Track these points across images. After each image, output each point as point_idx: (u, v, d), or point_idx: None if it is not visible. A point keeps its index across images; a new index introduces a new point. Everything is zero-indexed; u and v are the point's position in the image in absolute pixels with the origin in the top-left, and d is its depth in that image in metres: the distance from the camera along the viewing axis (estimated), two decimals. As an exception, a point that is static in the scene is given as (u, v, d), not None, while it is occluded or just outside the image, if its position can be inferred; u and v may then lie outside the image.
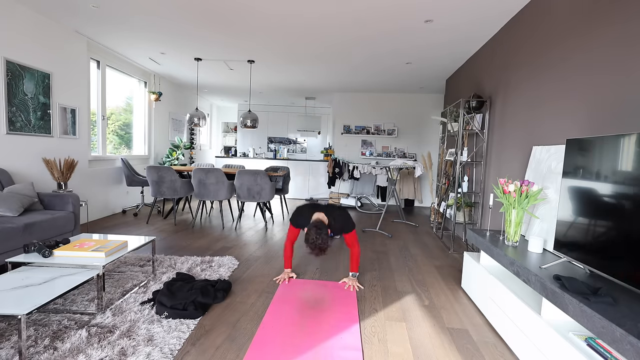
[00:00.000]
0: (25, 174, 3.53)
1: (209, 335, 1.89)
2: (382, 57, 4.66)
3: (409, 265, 3.25)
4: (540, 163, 2.46)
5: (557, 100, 2.43)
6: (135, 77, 5.64)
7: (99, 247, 2.23)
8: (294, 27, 3.70)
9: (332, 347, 1.82)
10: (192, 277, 2.56)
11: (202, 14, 3.44)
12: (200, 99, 8.54)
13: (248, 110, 5.60)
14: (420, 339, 1.96)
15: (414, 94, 7.08)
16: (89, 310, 2.06)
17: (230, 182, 4.50)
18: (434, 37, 3.82)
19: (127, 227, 4.25)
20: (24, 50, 3.44)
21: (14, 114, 3.36)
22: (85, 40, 4.28)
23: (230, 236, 4.04)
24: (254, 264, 3.08)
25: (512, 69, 3.17)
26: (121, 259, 2.94)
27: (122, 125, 5.58)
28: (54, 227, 2.94)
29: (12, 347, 1.68)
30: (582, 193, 1.70)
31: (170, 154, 6.47)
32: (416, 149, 7.25)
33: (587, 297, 1.37)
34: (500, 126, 3.37)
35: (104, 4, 3.31)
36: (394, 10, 3.16)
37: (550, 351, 1.50)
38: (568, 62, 2.32)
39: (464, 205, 3.81)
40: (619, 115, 1.84)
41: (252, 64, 5.23)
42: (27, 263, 2.09)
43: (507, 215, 2.21)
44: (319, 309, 2.26)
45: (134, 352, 1.66)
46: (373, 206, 6.90)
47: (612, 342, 1.16)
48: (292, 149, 9.63)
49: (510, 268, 1.94)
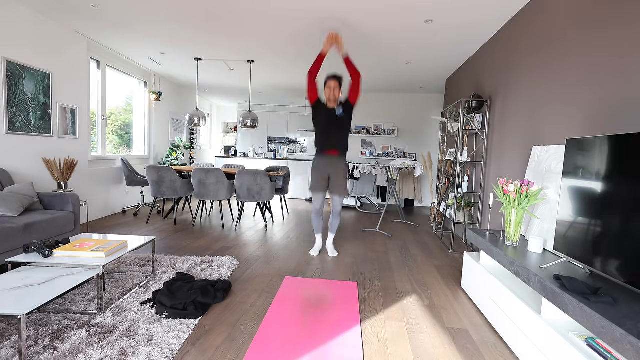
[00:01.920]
0: (25, 174, 3.53)
1: (209, 335, 1.89)
2: (382, 57, 4.66)
3: (409, 265, 3.25)
4: (540, 163, 2.46)
5: (557, 100, 2.43)
6: (135, 77, 5.64)
7: (99, 247, 2.23)
8: (294, 27, 3.70)
9: (333, 346, 1.82)
10: (192, 277, 2.56)
11: (202, 14, 3.44)
12: (200, 99, 8.54)
13: (248, 110, 5.61)
14: (420, 339, 1.96)
15: (414, 94, 7.09)
16: (89, 310, 2.06)
17: (230, 182, 4.51)
18: (434, 37, 3.82)
19: (127, 227, 4.25)
20: (24, 50, 3.44)
21: (14, 114, 3.36)
22: (85, 40, 4.28)
23: (230, 236, 4.04)
24: (254, 264, 3.08)
25: (512, 69, 3.17)
26: (121, 259, 2.94)
27: (122, 125, 5.59)
28: (54, 227, 2.94)
29: (12, 347, 1.68)
30: (582, 193, 1.70)
31: (170, 154, 6.47)
32: (416, 149, 7.25)
33: (587, 297, 1.37)
34: (500, 126, 3.37)
35: (104, 4, 3.31)
36: (394, 10, 3.16)
37: (550, 351, 1.50)
38: (568, 62, 2.32)
39: (464, 205, 3.81)
40: (619, 115, 1.84)
41: (252, 64, 5.23)
42: (27, 263, 2.09)
43: (507, 215, 2.21)
44: (321, 308, 2.27)
45: (134, 352, 1.66)
46: (373, 206, 6.90)
47: (612, 342, 1.16)
48: (292, 149, 9.62)
49: (510, 268, 1.94)
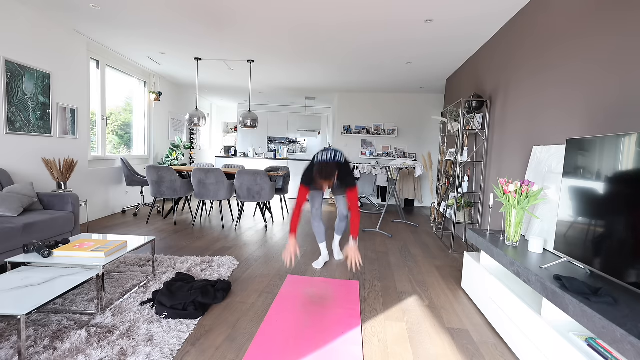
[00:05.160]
0: (24, 174, 3.53)
1: (209, 335, 1.89)
2: (382, 57, 4.66)
3: (409, 265, 3.25)
4: (541, 163, 2.46)
5: (557, 100, 2.43)
6: (135, 77, 5.64)
7: (98, 247, 2.23)
8: (294, 28, 3.70)
9: (333, 346, 1.82)
10: (192, 277, 2.56)
11: (202, 14, 3.44)
12: (200, 98, 8.53)
13: (248, 110, 5.60)
14: (420, 339, 1.95)
15: (414, 94, 7.08)
16: (89, 311, 2.06)
17: (230, 182, 4.50)
18: (434, 37, 3.82)
19: (126, 227, 4.25)
20: (23, 50, 3.43)
21: (14, 114, 3.36)
22: (85, 40, 4.27)
23: (230, 236, 4.04)
24: (254, 264, 3.08)
25: (512, 69, 3.16)
26: (121, 259, 2.94)
27: (121, 125, 5.58)
28: (54, 227, 2.94)
29: (12, 347, 1.67)
30: (583, 193, 1.70)
31: (170, 154, 6.47)
32: (416, 149, 7.24)
33: (587, 297, 1.36)
34: (501, 126, 3.37)
35: (104, 4, 3.31)
36: (394, 10, 3.16)
37: (550, 351, 1.50)
38: (568, 61, 2.32)
39: (464, 205, 3.81)
40: (619, 115, 1.83)
41: (252, 64, 5.23)
42: (27, 263, 2.09)
43: (508, 216, 2.20)
44: (322, 306, 2.28)
45: (134, 352, 1.66)
46: (373, 206, 6.90)
47: (613, 343, 1.16)
48: (292, 149, 9.62)
49: (510, 268, 1.93)
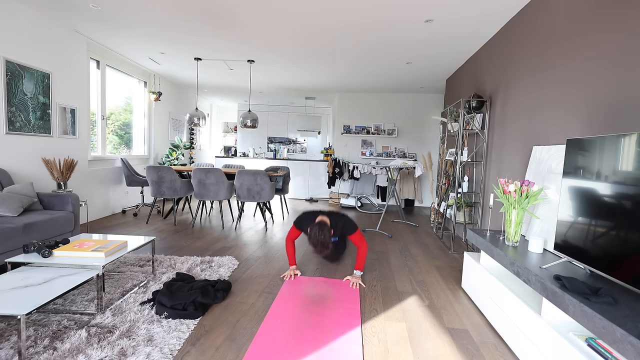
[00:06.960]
0: (24, 174, 3.53)
1: (209, 335, 1.89)
2: (382, 57, 4.66)
3: (409, 265, 3.25)
4: (541, 163, 2.46)
5: (557, 100, 2.43)
6: (135, 77, 5.64)
7: (98, 247, 2.23)
8: (293, 28, 3.70)
9: (333, 346, 1.82)
10: (192, 277, 2.56)
11: (202, 14, 3.44)
12: (200, 98, 8.53)
13: (248, 110, 5.60)
14: (420, 339, 1.95)
15: (414, 94, 7.08)
16: (89, 311, 2.06)
17: (230, 182, 4.50)
18: (434, 37, 3.82)
19: (126, 227, 4.25)
20: (23, 50, 3.43)
21: (14, 114, 3.36)
22: (85, 40, 4.27)
23: (230, 236, 4.04)
24: (254, 264, 3.08)
25: (512, 69, 3.16)
26: (121, 259, 2.94)
27: (121, 125, 5.58)
28: (54, 227, 2.93)
29: (12, 347, 1.67)
30: (583, 193, 1.70)
31: (170, 154, 6.47)
32: (416, 149, 7.24)
33: (587, 298, 1.36)
34: (501, 126, 3.37)
35: (103, 3, 3.31)
36: (394, 10, 3.16)
37: (550, 351, 1.50)
38: (568, 60, 2.32)
39: (464, 205, 3.81)
40: (619, 114, 1.83)
41: (252, 64, 5.22)
42: (27, 263, 2.09)
43: (508, 216, 2.20)
44: (322, 306, 2.28)
45: (134, 352, 1.66)
46: (373, 206, 6.90)
47: (613, 343, 1.16)
48: (292, 149, 9.62)
49: (510, 268, 1.93)
